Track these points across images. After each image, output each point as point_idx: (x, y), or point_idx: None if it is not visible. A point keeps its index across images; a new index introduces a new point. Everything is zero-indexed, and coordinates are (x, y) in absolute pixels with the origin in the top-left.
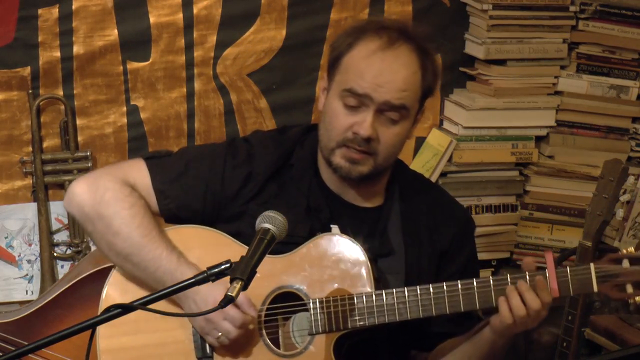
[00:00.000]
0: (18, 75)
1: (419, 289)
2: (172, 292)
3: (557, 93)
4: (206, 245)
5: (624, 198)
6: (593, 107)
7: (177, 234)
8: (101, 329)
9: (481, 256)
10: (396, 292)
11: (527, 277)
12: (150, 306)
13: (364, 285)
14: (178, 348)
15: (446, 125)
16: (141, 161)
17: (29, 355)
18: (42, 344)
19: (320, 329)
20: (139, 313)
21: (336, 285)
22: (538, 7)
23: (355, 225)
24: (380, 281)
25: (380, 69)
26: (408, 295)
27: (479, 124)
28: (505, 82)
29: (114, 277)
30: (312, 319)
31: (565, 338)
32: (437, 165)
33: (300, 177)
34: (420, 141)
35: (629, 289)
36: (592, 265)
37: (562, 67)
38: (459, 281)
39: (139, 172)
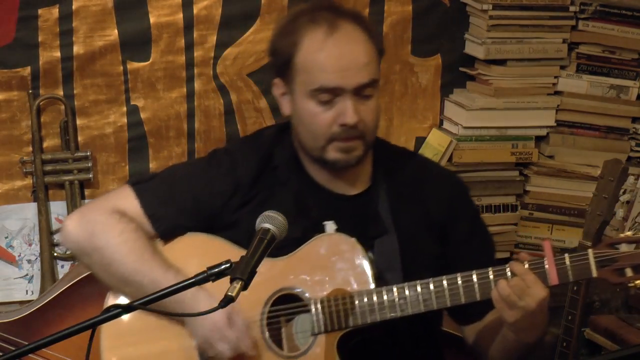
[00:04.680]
0: (18, 75)
1: (419, 284)
2: (172, 292)
3: (557, 93)
4: (204, 253)
5: (624, 198)
6: (593, 107)
7: (173, 246)
8: (105, 341)
9: None
10: (397, 288)
11: (527, 265)
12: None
13: (365, 282)
14: (181, 356)
15: (446, 125)
16: (128, 188)
17: (29, 355)
18: (42, 344)
19: (322, 329)
20: (142, 323)
21: (337, 284)
22: (538, 7)
23: (348, 215)
24: (380, 278)
25: (339, 55)
26: (409, 291)
27: (479, 124)
28: (505, 82)
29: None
30: (314, 318)
31: (565, 338)
32: None
33: (287, 178)
34: (420, 141)
35: (629, 272)
36: (590, 250)
37: (562, 67)
38: (458, 274)
39: (127, 199)
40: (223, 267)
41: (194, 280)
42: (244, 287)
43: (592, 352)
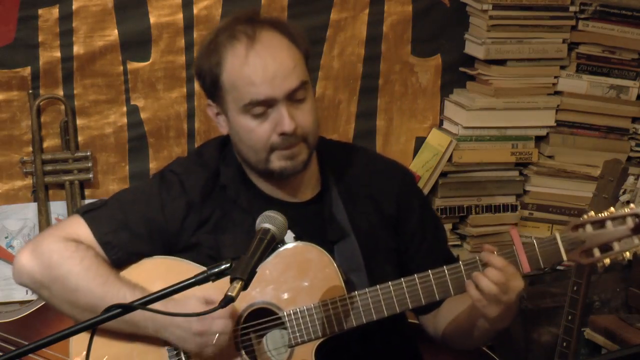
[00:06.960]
0: (18, 75)
1: (392, 285)
2: (171, 292)
3: (557, 93)
4: (168, 276)
5: (624, 198)
6: (593, 107)
7: (137, 270)
8: None
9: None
10: (369, 291)
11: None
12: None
13: (337, 289)
14: None
15: (446, 125)
16: (78, 217)
17: (29, 355)
18: (42, 344)
19: (299, 340)
20: (111, 350)
21: (308, 294)
22: (538, 7)
23: (304, 222)
24: (348, 282)
25: (263, 66)
26: (382, 293)
27: (479, 124)
28: (505, 82)
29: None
30: (289, 331)
31: (565, 338)
32: (437, 165)
33: (237, 196)
34: (420, 141)
35: (596, 252)
36: (557, 234)
37: (562, 67)
38: (430, 271)
39: (79, 228)
40: (223, 267)
41: (194, 280)
42: (244, 287)
43: (592, 352)
